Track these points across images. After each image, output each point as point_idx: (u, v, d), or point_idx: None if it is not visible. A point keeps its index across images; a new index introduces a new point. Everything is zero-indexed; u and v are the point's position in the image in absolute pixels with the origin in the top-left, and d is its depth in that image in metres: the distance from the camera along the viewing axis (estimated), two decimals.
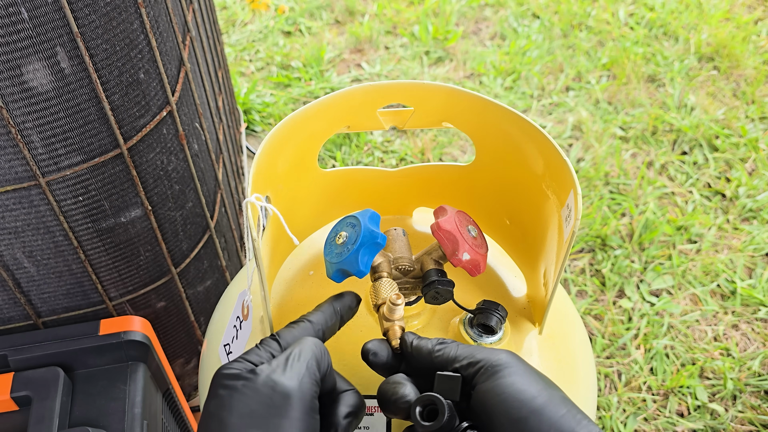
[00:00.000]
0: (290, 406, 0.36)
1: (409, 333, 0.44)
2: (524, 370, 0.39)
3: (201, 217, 0.82)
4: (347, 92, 0.54)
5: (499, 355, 0.39)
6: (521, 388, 0.37)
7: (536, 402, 0.36)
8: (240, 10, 2.11)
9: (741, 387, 1.16)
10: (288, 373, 0.37)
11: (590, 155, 1.61)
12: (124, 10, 0.59)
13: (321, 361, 0.39)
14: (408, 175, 0.62)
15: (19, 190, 0.61)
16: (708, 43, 1.97)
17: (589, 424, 0.36)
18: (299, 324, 0.44)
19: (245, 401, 0.36)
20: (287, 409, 0.36)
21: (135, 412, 0.65)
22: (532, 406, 0.36)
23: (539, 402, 0.36)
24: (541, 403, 0.36)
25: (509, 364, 0.39)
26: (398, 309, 0.45)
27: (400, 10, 2.11)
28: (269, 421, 0.35)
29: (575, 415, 0.36)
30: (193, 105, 0.77)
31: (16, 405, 0.64)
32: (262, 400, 0.36)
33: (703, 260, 1.37)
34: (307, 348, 0.39)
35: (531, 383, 0.38)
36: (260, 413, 0.36)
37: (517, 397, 0.37)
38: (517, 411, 0.36)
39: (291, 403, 0.36)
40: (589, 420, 0.36)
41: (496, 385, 0.38)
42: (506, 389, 0.37)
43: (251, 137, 1.68)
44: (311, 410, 0.37)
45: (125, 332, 0.68)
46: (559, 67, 1.89)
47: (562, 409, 0.36)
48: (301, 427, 0.36)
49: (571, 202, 0.46)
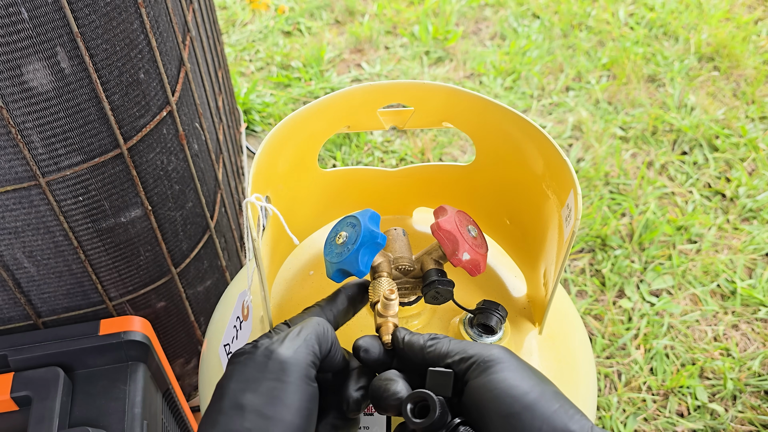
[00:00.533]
0: (284, 371, 0.38)
1: (401, 329, 0.44)
2: (517, 366, 0.38)
3: (201, 217, 0.82)
4: (347, 92, 0.54)
5: (491, 351, 0.39)
6: (513, 383, 0.37)
7: (528, 397, 0.36)
8: (240, 10, 2.11)
9: (741, 387, 1.16)
10: (285, 344, 0.39)
11: (590, 155, 1.61)
12: (124, 10, 0.59)
13: (323, 337, 0.41)
14: (408, 175, 0.62)
15: (19, 190, 0.61)
16: (708, 43, 1.97)
17: (582, 419, 0.36)
18: (310, 310, 0.46)
19: (244, 370, 0.39)
20: (281, 374, 0.38)
21: (135, 412, 0.65)
22: (525, 402, 0.36)
23: (531, 397, 0.36)
24: (534, 398, 0.36)
25: (501, 359, 0.39)
26: (392, 305, 0.45)
27: (400, 10, 2.11)
28: (263, 384, 0.37)
29: (567, 410, 0.36)
30: (193, 105, 0.77)
31: (16, 405, 0.64)
32: (258, 367, 0.38)
33: (703, 260, 1.37)
34: (309, 326, 0.41)
35: (523, 378, 0.38)
36: (255, 378, 0.38)
37: (510, 392, 0.37)
38: (509, 406, 0.36)
39: (285, 369, 0.38)
40: (582, 414, 0.36)
41: (488, 380, 0.38)
42: (498, 384, 0.37)
43: (251, 137, 1.68)
44: (306, 377, 0.38)
45: (125, 332, 0.68)
46: (559, 67, 1.89)
47: (555, 404, 0.36)
48: (294, 391, 0.37)
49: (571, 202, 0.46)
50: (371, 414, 0.51)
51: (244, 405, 0.37)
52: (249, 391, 0.37)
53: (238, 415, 0.36)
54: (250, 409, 0.36)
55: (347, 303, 0.47)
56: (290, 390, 0.37)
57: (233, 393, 0.38)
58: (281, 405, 0.37)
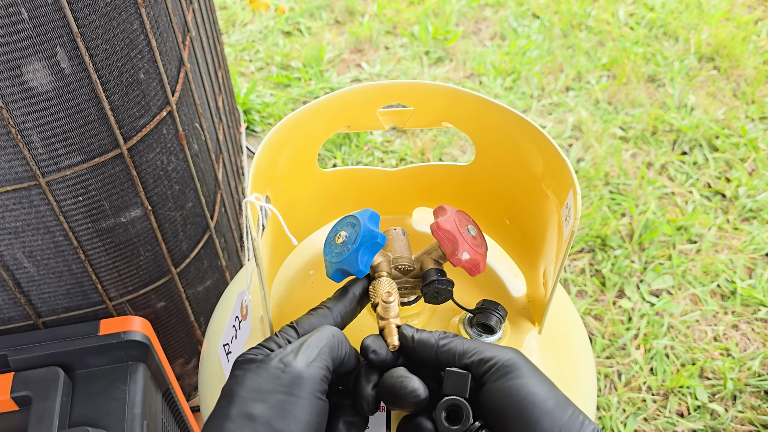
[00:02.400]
0: (296, 385, 0.38)
1: (406, 326, 0.45)
2: (533, 371, 0.40)
3: (201, 217, 0.82)
4: (347, 92, 0.54)
5: (509, 355, 0.41)
6: (533, 390, 0.39)
7: (547, 405, 0.38)
8: (240, 10, 2.11)
9: (741, 387, 1.16)
10: (300, 356, 0.39)
11: (590, 155, 1.61)
12: (124, 10, 0.59)
13: (336, 349, 0.41)
14: (408, 175, 0.62)
15: (19, 190, 0.61)
16: (708, 43, 1.97)
17: (591, 424, 0.38)
18: (318, 311, 0.45)
19: (256, 379, 0.38)
20: (294, 388, 0.38)
21: (135, 412, 0.65)
22: (544, 409, 0.38)
23: (550, 405, 0.38)
24: (552, 405, 0.38)
25: (519, 364, 0.40)
26: (392, 306, 0.45)
27: (400, 10, 2.11)
28: (274, 396, 0.37)
29: (578, 416, 0.38)
30: (193, 105, 0.77)
31: (16, 405, 0.64)
32: (271, 378, 0.38)
33: (703, 260, 1.37)
34: (323, 336, 0.41)
35: (540, 385, 0.39)
36: (267, 389, 0.38)
37: (530, 399, 0.38)
38: (530, 414, 0.38)
39: (298, 383, 0.38)
40: (589, 420, 0.38)
41: (508, 386, 0.39)
42: (519, 391, 0.39)
43: (251, 137, 1.68)
44: (318, 392, 0.38)
45: (125, 332, 0.68)
46: (559, 67, 1.89)
47: (569, 410, 0.38)
48: (305, 405, 0.37)
49: (571, 202, 0.46)
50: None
51: (254, 415, 0.37)
52: (260, 402, 0.37)
53: (247, 424, 0.36)
54: (261, 420, 0.36)
55: (356, 303, 0.47)
56: (302, 404, 0.37)
57: (243, 401, 0.37)
58: (292, 419, 0.37)
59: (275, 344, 0.41)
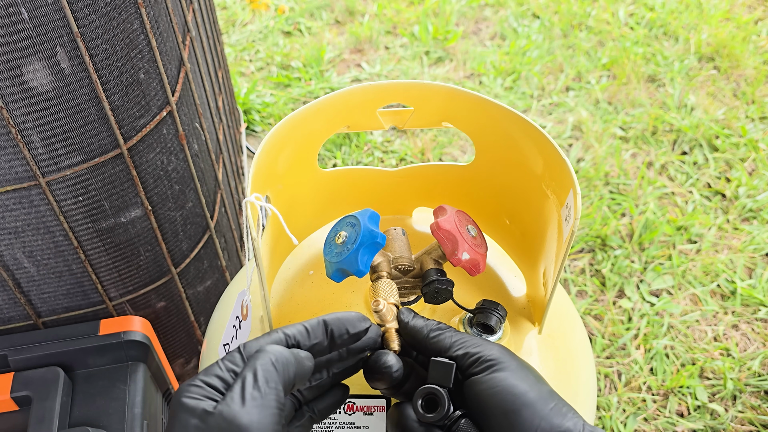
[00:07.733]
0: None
1: (405, 310, 0.45)
2: (517, 366, 0.41)
3: (201, 217, 0.82)
4: (347, 92, 0.54)
5: (493, 350, 0.41)
6: (514, 382, 0.39)
7: (528, 396, 0.39)
8: (240, 10, 2.11)
9: (741, 387, 1.16)
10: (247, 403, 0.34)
11: (590, 155, 1.61)
12: (124, 10, 0.59)
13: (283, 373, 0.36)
14: (408, 175, 0.62)
15: (19, 190, 0.61)
16: (708, 43, 1.97)
17: (575, 416, 0.38)
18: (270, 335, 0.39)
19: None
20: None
21: (135, 412, 0.65)
22: (524, 400, 0.38)
23: (530, 396, 0.39)
24: (533, 397, 0.39)
25: (503, 359, 0.41)
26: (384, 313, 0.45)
27: (400, 10, 2.11)
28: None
29: (561, 407, 0.39)
30: (193, 105, 0.77)
31: (16, 405, 0.64)
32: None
33: (703, 260, 1.37)
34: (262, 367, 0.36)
35: (523, 378, 0.40)
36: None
37: (511, 390, 0.39)
38: (510, 404, 0.38)
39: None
40: (574, 412, 0.39)
41: (490, 378, 0.40)
42: (500, 383, 0.39)
43: (251, 137, 1.68)
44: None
45: (125, 332, 0.68)
46: (559, 67, 1.89)
47: (551, 402, 0.39)
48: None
49: (571, 202, 0.46)
50: (371, 414, 0.51)
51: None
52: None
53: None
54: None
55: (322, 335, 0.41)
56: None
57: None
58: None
59: (218, 379, 0.36)
